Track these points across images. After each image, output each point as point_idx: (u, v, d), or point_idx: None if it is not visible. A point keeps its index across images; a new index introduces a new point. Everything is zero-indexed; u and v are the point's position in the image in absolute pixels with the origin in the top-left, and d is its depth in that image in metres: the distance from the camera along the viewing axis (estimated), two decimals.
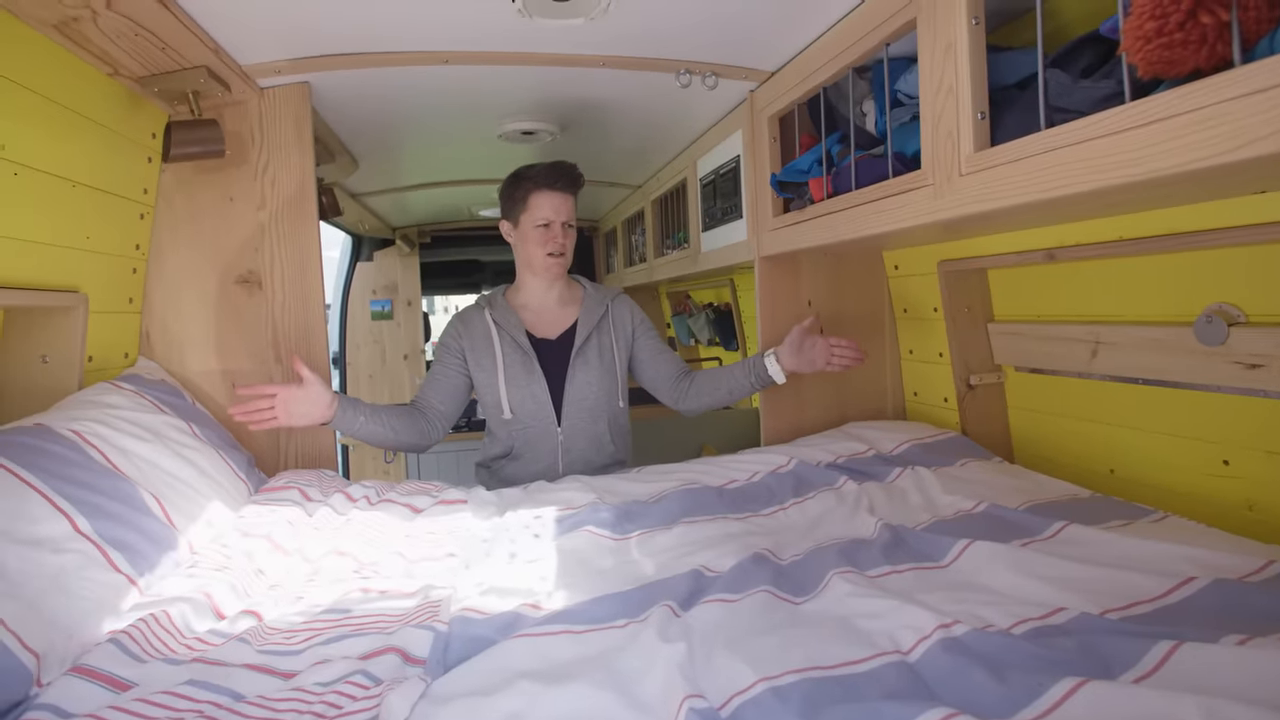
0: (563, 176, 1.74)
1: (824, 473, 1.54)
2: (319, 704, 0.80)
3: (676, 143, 2.41)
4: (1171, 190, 0.94)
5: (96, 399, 1.29)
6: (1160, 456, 1.38)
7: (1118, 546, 1.09)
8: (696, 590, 1.07)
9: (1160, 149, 0.77)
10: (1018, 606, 0.95)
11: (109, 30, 1.16)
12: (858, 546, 1.20)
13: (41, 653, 0.84)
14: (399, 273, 4.04)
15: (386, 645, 0.91)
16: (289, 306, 1.68)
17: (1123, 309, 1.38)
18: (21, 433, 1.10)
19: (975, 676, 0.80)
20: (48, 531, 0.98)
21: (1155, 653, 0.80)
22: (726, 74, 1.72)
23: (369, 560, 1.24)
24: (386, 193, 3.03)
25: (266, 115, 1.63)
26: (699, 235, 2.34)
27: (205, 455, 1.38)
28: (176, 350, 1.64)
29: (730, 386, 1.76)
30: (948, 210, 1.12)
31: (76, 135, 1.30)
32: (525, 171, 1.76)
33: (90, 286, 1.39)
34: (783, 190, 1.70)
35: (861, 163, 1.40)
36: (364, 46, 1.52)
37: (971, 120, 1.06)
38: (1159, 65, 0.75)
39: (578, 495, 1.47)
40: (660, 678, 0.84)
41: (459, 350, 1.76)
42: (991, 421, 1.76)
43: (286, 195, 1.67)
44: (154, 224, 1.60)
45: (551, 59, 1.60)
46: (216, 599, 1.05)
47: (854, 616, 0.97)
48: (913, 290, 1.87)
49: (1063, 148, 0.90)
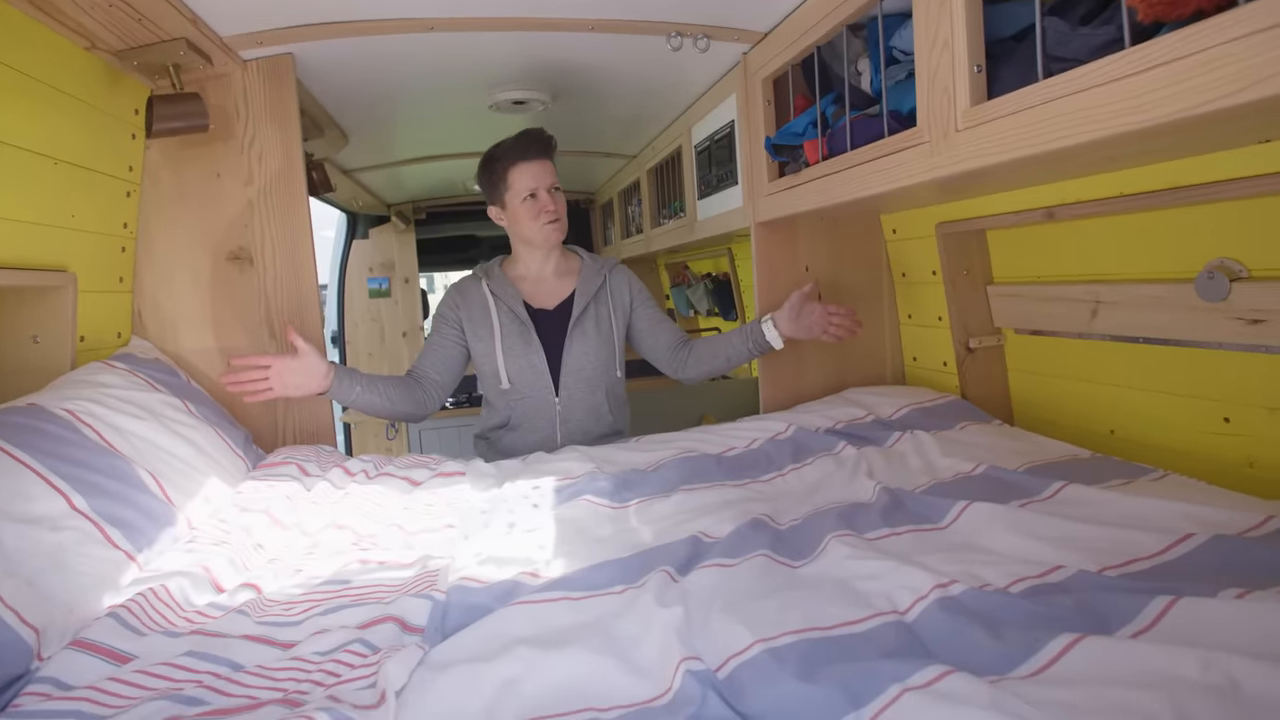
0: (534, 144, 1.70)
1: (823, 438, 1.54)
2: (318, 672, 0.80)
3: (671, 110, 2.37)
4: (1174, 140, 0.92)
5: (89, 378, 1.29)
6: (1160, 415, 1.37)
7: (1117, 505, 1.09)
8: (694, 556, 1.07)
9: (1163, 94, 0.75)
10: (1015, 565, 0.95)
11: (83, 3, 1.13)
12: (856, 510, 1.20)
13: (41, 627, 0.84)
14: (395, 250, 4.02)
15: (384, 614, 0.91)
16: (281, 281, 1.67)
17: (1123, 267, 1.36)
18: (15, 412, 1.10)
19: (972, 634, 0.80)
20: (44, 509, 0.98)
21: (1153, 608, 0.80)
22: (719, 35, 1.68)
23: (368, 532, 1.24)
24: (379, 168, 2.99)
25: (251, 88, 1.60)
26: (695, 203, 2.32)
27: (202, 433, 1.38)
28: (170, 328, 1.63)
29: (729, 354, 1.75)
30: (945, 167, 1.10)
31: (56, 111, 1.28)
32: (495, 151, 1.73)
33: (79, 265, 1.37)
34: (777, 154, 1.67)
35: (857, 123, 1.37)
36: (346, 14, 1.49)
37: (968, 74, 1.03)
38: (1160, 7, 0.73)
39: (576, 465, 1.47)
40: (657, 642, 0.84)
41: (456, 320, 1.75)
42: (991, 384, 1.75)
43: (274, 170, 1.64)
44: (141, 201, 1.58)
45: (538, 23, 1.56)
46: (215, 572, 1.05)
47: (852, 578, 0.97)
48: (911, 254, 1.85)
49: (1061, 98, 0.87)
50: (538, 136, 1.71)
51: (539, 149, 1.70)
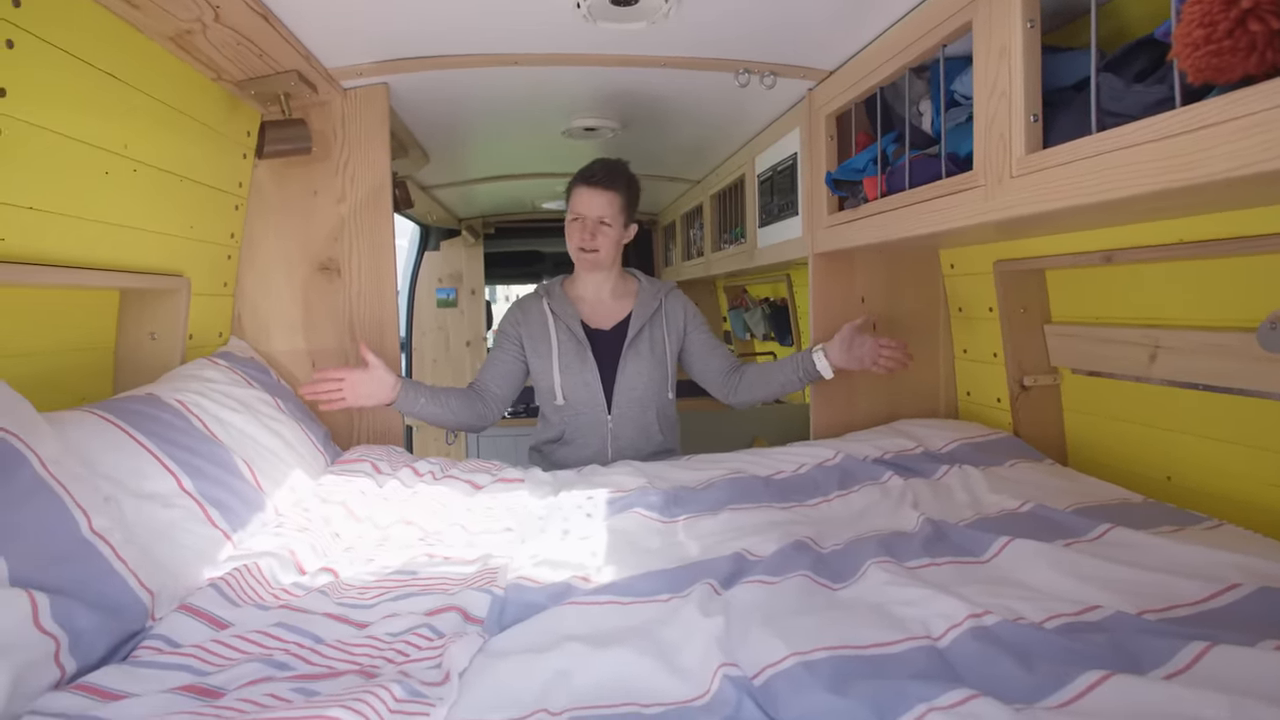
0: (596, 172, 1.77)
1: (870, 467, 1.56)
2: (389, 650, 0.89)
3: (735, 139, 2.44)
4: (1223, 196, 0.93)
5: (196, 373, 1.43)
6: (1219, 464, 1.35)
7: (1164, 551, 1.08)
8: (738, 572, 1.12)
9: (1209, 154, 0.78)
10: (1052, 602, 0.97)
11: (216, 41, 1.29)
12: (898, 539, 1.22)
13: (155, 591, 0.95)
14: (464, 262, 4.20)
15: (449, 604, 1.00)
16: (364, 293, 1.80)
17: (1183, 313, 1.35)
18: (136, 400, 1.24)
19: (1003, 664, 0.83)
20: (158, 488, 1.10)
21: (1187, 652, 0.81)
22: (785, 73, 1.75)
23: (433, 529, 1.34)
24: (454, 185, 3.16)
25: (349, 114, 1.76)
26: (755, 231, 2.38)
27: (289, 427, 1.51)
28: (264, 331, 1.78)
29: (780, 381, 1.79)
30: (998, 212, 1.13)
31: (184, 135, 1.44)
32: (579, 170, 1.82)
33: (193, 271, 1.53)
34: (838, 188, 1.72)
35: (916, 162, 1.41)
36: (439, 50, 1.62)
37: (1024, 123, 1.07)
38: (1208, 72, 0.76)
39: (629, 479, 1.53)
40: (699, 648, 0.89)
41: (516, 337, 1.84)
42: (1046, 424, 1.74)
43: (365, 189, 1.79)
44: (246, 215, 1.75)
45: (614, 60, 1.66)
46: (299, 556, 1.16)
47: (889, 603, 1.00)
48: (968, 289, 1.86)
49: (1112, 151, 0.91)
50: (602, 166, 1.79)
51: (599, 179, 1.77)
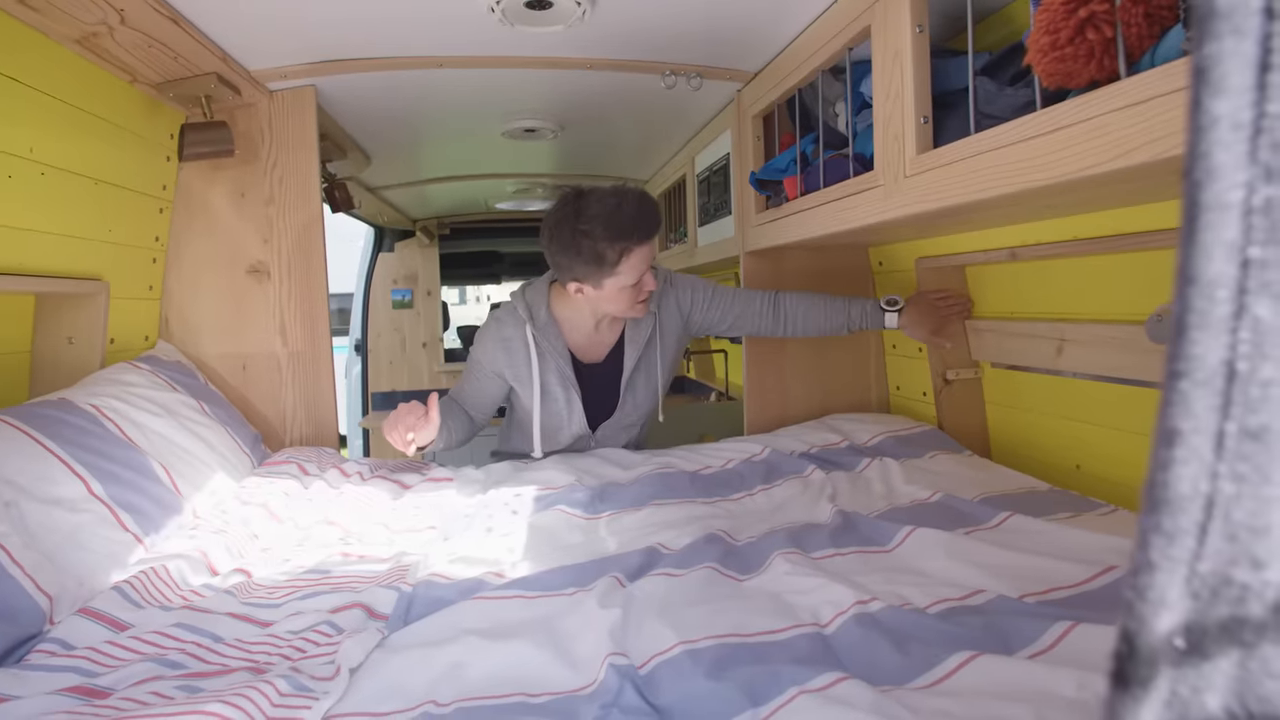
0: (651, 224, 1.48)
1: (794, 461, 1.60)
2: (287, 648, 0.90)
3: (676, 140, 2.47)
4: (1098, 194, 0.98)
5: (115, 377, 1.42)
6: (1121, 453, 1.40)
7: (1055, 536, 1.13)
8: (647, 565, 1.14)
9: (1062, 155, 0.82)
10: (941, 588, 1.01)
11: (125, 43, 1.28)
12: (808, 530, 1.26)
13: (54, 595, 0.95)
14: (419, 263, 4.18)
15: (355, 601, 1.01)
16: (294, 295, 1.80)
17: (1086, 307, 1.41)
18: (46, 405, 1.23)
19: (880, 647, 0.86)
20: (66, 492, 1.10)
21: (1053, 632, 0.85)
22: (712, 75, 1.78)
23: (355, 530, 1.34)
24: (403, 186, 3.14)
25: (275, 116, 1.75)
26: (695, 230, 2.41)
27: (213, 431, 1.50)
28: (192, 334, 1.77)
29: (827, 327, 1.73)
30: (894, 210, 1.17)
31: (99, 138, 1.42)
32: (594, 229, 1.43)
33: (112, 275, 1.52)
34: (762, 188, 1.75)
35: (830, 162, 1.45)
36: (364, 52, 1.62)
37: (915, 124, 1.11)
38: (1057, 77, 0.80)
39: (559, 475, 1.55)
40: (592, 639, 0.92)
41: (499, 375, 1.67)
42: (969, 416, 1.79)
43: (294, 192, 1.78)
44: (173, 217, 1.73)
45: (539, 62, 1.68)
46: (211, 557, 1.16)
47: (785, 592, 1.03)
48: (895, 286, 1.91)
49: (986, 152, 0.95)
50: (653, 215, 1.48)
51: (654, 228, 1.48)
